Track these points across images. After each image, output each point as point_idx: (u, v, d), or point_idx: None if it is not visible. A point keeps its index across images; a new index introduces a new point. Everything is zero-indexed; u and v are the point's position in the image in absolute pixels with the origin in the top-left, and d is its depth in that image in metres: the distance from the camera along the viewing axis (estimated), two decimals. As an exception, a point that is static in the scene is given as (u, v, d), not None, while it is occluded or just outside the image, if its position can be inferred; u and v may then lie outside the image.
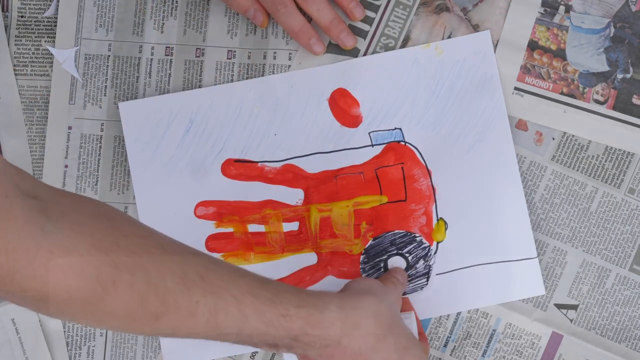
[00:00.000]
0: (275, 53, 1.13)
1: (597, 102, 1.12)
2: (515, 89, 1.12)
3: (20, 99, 1.13)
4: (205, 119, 1.12)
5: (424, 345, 1.05)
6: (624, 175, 1.12)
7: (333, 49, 1.13)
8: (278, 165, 1.12)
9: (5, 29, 1.13)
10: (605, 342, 1.12)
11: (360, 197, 1.12)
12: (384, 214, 1.11)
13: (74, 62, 1.13)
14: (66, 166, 1.13)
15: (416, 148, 1.12)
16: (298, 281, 1.12)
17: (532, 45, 1.12)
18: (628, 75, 1.12)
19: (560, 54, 1.12)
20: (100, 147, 1.13)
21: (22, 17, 1.13)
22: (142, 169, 1.12)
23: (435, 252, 1.11)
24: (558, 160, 1.12)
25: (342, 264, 1.12)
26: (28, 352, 1.11)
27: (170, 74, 1.13)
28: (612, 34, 1.12)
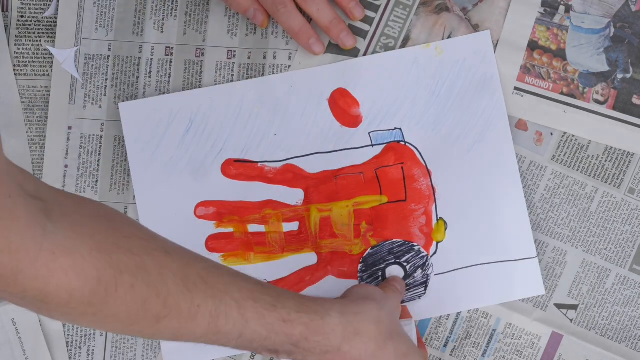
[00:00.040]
0: (275, 53, 1.13)
1: (597, 102, 1.12)
2: (515, 89, 1.12)
3: (20, 99, 1.13)
4: (205, 119, 1.12)
5: (423, 352, 1.05)
6: (624, 175, 1.12)
7: (333, 49, 1.13)
8: (278, 165, 1.12)
9: (5, 29, 1.13)
10: (605, 342, 1.11)
11: (360, 197, 1.12)
12: (384, 214, 1.11)
13: (74, 62, 1.13)
14: (66, 166, 1.13)
15: (416, 148, 1.12)
16: (298, 281, 1.12)
17: (532, 45, 1.12)
18: (628, 75, 1.12)
19: (560, 54, 1.12)
20: (100, 147, 1.13)
21: (22, 17, 1.13)
22: (142, 169, 1.12)
23: (435, 252, 1.11)
24: (558, 160, 1.12)
25: (342, 264, 1.12)
26: (28, 352, 1.11)
27: (170, 74, 1.13)
28: (612, 34, 1.12)
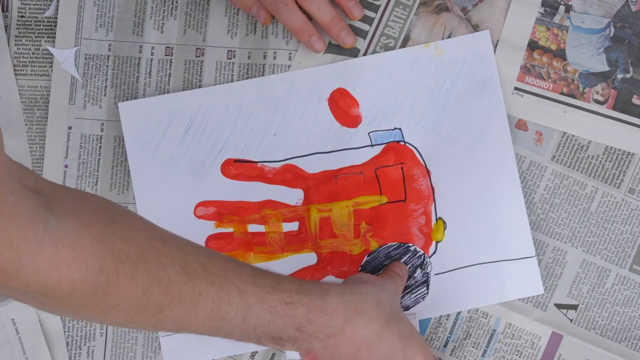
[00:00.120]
0: (275, 53, 1.13)
1: (597, 102, 1.12)
2: (515, 89, 1.12)
3: (20, 99, 1.13)
4: (205, 119, 1.12)
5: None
6: (624, 175, 1.12)
7: (333, 49, 1.13)
8: (278, 165, 1.12)
9: (5, 29, 1.13)
10: (605, 342, 1.11)
11: (360, 197, 1.12)
12: (384, 214, 1.11)
13: (74, 62, 1.13)
14: (66, 166, 1.13)
15: (416, 148, 1.12)
16: (298, 281, 1.12)
17: (532, 45, 1.12)
18: (628, 75, 1.12)
19: (560, 54, 1.12)
20: (100, 147, 1.13)
21: (22, 17, 1.13)
22: (142, 169, 1.12)
23: (434, 252, 1.11)
24: (558, 160, 1.12)
25: (342, 264, 1.12)
26: (28, 352, 1.11)
27: (170, 74, 1.13)
28: (612, 34, 1.12)
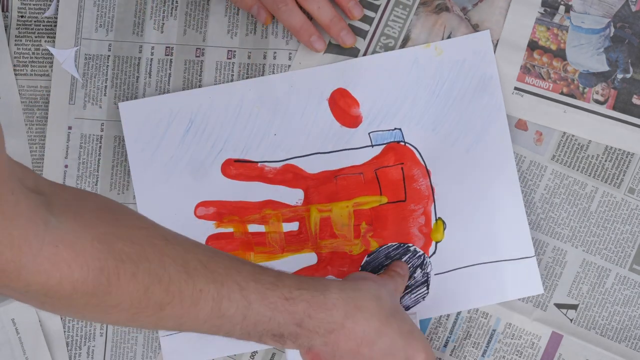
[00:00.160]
0: (275, 53, 1.13)
1: (597, 102, 1.12)
2: (515, 89, 1.12)
3: (20, 99, 1.13)
4: (205, 119, 1.12)
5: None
6: (623, 175, 1.12)
7: (333, 48, 1.13)
8: (278, 165, 1.12)
9: (5, 29, 1.13)
10: (605, 342, 1.11)
11: (360, 197, 1.12)
12: (384, 215, 1.11)
13: (74, 62, 1.13)
14: (66, 166, 1.13)
15: (416, 148, 1.12)
16: (298, 281, 1.12)
17: (532, 45, 1.12)
18: (628, 75, 1.12)
19: (560, 54, 1.12)
20: (100, 147, 1.13)
21: (22, 17, 1.13)
22: (142, 169, 1.12)
23: (434, 252, 1.11)
24: (558, 160, 1.12)
25: (342, 264, 1.12)
26: (28, 352, 1.11)
27: (170, 74, 1.13)
28: (612, 34, 1.12)
